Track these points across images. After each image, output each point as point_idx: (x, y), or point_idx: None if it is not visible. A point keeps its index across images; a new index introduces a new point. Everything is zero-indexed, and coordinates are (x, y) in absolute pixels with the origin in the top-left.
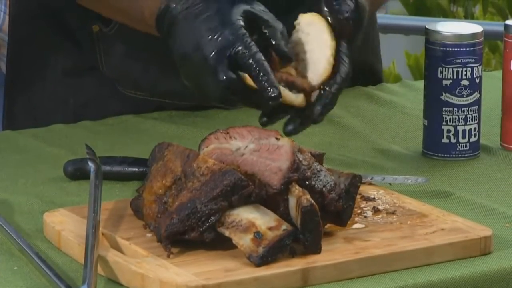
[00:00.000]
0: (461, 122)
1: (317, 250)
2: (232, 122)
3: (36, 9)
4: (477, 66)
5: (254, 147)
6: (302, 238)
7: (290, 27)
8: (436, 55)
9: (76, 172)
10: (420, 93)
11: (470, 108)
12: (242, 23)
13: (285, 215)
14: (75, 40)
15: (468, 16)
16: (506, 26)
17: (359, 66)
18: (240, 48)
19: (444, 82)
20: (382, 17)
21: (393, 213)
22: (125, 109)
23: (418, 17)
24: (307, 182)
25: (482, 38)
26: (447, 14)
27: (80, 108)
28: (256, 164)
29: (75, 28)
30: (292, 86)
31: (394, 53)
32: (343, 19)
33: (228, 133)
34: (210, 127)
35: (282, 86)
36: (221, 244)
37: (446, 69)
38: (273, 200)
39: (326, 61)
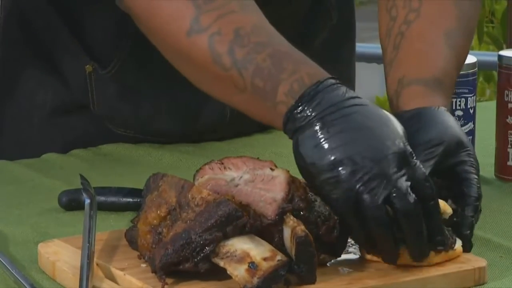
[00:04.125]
0: None
1: (311, 280)
2: (227, 152)
3: (25, 48)
4: (471, 97)
5: (248, 178)
6: (296, 269)
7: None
8: None
9: (71, 203)
10: None
11: None
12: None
13: (279, 246)
14: (64, 78)
15: None
16: (500, 56)
17: None
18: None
19: None
20: (375, 47)
21: None
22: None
23: None
24: (301, 213)
25: (476, 68)
26: None
27: (69, 144)
28: (250, 194)
29: (65, 67)
30: None
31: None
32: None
33: (222, 163)
34: (204, 157)
35: None
36: (215, 274)
37: None
38: (267, 230)
39: None
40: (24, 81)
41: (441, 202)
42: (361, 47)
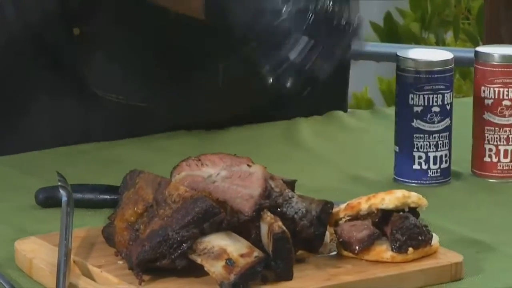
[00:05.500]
0: (432, 148)
1: (288, 277)
2: (204, 149)
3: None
4: (448, 93)
5: (226, 174)
6: (273, 265)
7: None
8: (407, 82)
9: (48, 200)
10: (391, 119)
11: (441, 134)
12: None
13: (257, 242)
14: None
15: (440, 42)
16: (476, 53)
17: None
18: None
19: (415, 108)
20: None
21: None
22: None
23: (389, 44)
24: (278, 209)
25: (453, 65)
26: (418, 41)
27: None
28: (227, 191)
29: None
30: None
31: (366, 78)
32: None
33: (200, 160)
34: (182, 154)
35: None
36: (193, 271)
37: (417, 95)
38: (245, 227)
39: None
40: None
41: (416, 195)
42: None
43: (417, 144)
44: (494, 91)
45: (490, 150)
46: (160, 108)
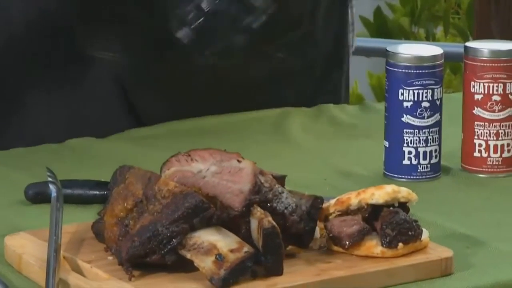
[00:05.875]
0: (422, 143)
1: (278, 272)
2: (194, 145)
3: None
4: (437, 88)
5: (215, 170)
6: (263, 260)
7: None
8: (396, 77)
9: (37, 196)
10: (381, 114)
11: (431, 129)
12: None
13: (246, 238)
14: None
15: (430, 37)
16: (466, 48)
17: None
18: None
19: (405, 104)
20: None
21: None
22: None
23: (379, 39)
24: (268, 204)
25: (443, 60)
26: (408, 36)
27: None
28: (217, 186)
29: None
30: None
31: (356, 73)
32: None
33: (189, 155)
34: (171, 150)
35: None
36: (182, 266)
37: (407, 91)
38: (234, 222)
39: None
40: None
41: (406, 190)
42: None
43: (407, 139)
44: (484, 86)
45: (480, 145)
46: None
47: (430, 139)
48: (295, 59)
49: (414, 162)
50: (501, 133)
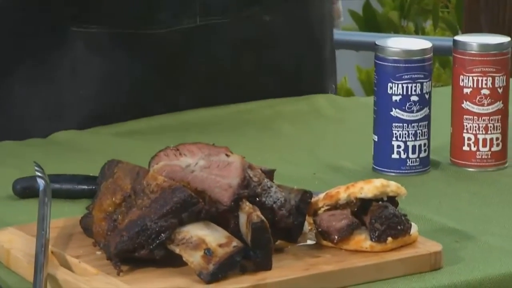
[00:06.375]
0: (411, 137)
1: (267, 266)
2: (183, 139)
3: None
4: (426, 82)
5: (204, 164)
6: (252, 255)
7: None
8: (385, 71)
9: (25, 190)
10: (370, 109)
11: (420, 123)
12: None
13: (235, 232)
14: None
15: (419, 31)
16: (454, 41)
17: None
18: None
19: (394, 97)
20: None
21: None
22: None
23: (368, 33)
24: (257, 199)
25: (432, 53)
26: (397, 30)
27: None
28: (206, 181)
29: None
30: None
31: (345, 68)
32: None
33: (178, 150)
34: (160, 144)
35: None
36: (171, 261)
37: (396, 84)
38: (223, 217)
39: None
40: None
41: (395, 184)
42: None
43: (395, 133)
44: (473, 80)
45: (469, 139)
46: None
47: (419, 133)
48: (282, 22)
49: (403, 156)
50: (490, 127)
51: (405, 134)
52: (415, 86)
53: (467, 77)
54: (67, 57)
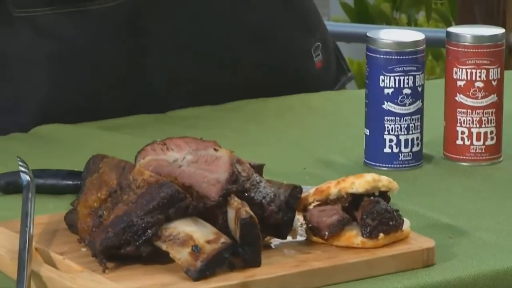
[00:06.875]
0: (403, 131)
1: (256, 263)
2: (169, 133)
3: None
4: (419, 74)
5: (191, 159)
6: (241, 251)
7: None
8: (377, 63)
9: (9, 186)
10: (361, 101)
11: (412, 117)
12: None
13: (223, 228)
14: None
15: (412, 23)
16: (448, 33)
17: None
18: None
19: (386, 90)
20: None
21: None
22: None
23: (360, 24)
24: (246, 194)
25: (424, 45)
26: (390, 21)
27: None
28: (193, 175)
29: None
30: None
31: None
32: None
33: (165, 144)
34: (146, 138)
35: None
36: (158, 258)
37: (388, 77)
38: (211, 212)
39: None
40: None
41: (387, 179)
42: None
43: (388, 127)
44: (467, 72)
45: (463, 133)
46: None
47: (412, 126)
48: None
49: (395, 150)
50: (484, 120)
51: (398, 127)
52: (408, 79)
53: (460, 70)
54: (13, 44)
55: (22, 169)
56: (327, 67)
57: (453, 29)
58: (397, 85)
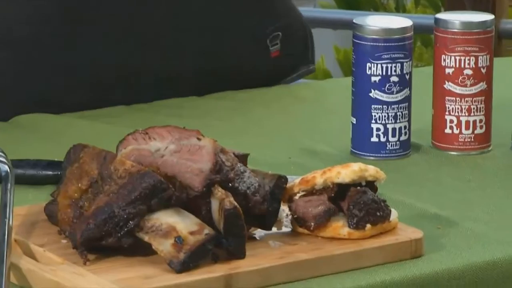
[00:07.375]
0: (391, 120)
1: (240, 255)
2: (152, 122)
3: None
4: (407, 62)
5: (174, 148)
6: (225, 243)
7: None
8: (364, 51)
9: None
10: (348, 90)
11: (400, 105)
12: None
13: (207, 219)
14: None
15: (400, 9)
16: (436, 19)
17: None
18: None
19: (373, 78)
20: (309, 11)
21: None
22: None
23: (347, 10)
24: (230, 184)
25: (412, 32)
26: (377, 7)
27: None
28: (176, 165)
29: None
30: None
31: (323, 48)
32: None
33: (147, 133)
34: (128, 127)
35: None
36: (140, 250)
37: (375, 65)
38: (194, 203)
39: None
40: None
41: (374, 168)
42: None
43: (375, 116)
44: (455, 59)
45: (451, 121)
46: None
47: (399, 115)
48: None
49: (383, 139)
50: (473, 108)
51: (385, 116)
52: (395, 66)
53: (449, 57)
54: None
55: (1, 159)
56: (285, 56)
57: (442, 16)
58: (384, 73)
